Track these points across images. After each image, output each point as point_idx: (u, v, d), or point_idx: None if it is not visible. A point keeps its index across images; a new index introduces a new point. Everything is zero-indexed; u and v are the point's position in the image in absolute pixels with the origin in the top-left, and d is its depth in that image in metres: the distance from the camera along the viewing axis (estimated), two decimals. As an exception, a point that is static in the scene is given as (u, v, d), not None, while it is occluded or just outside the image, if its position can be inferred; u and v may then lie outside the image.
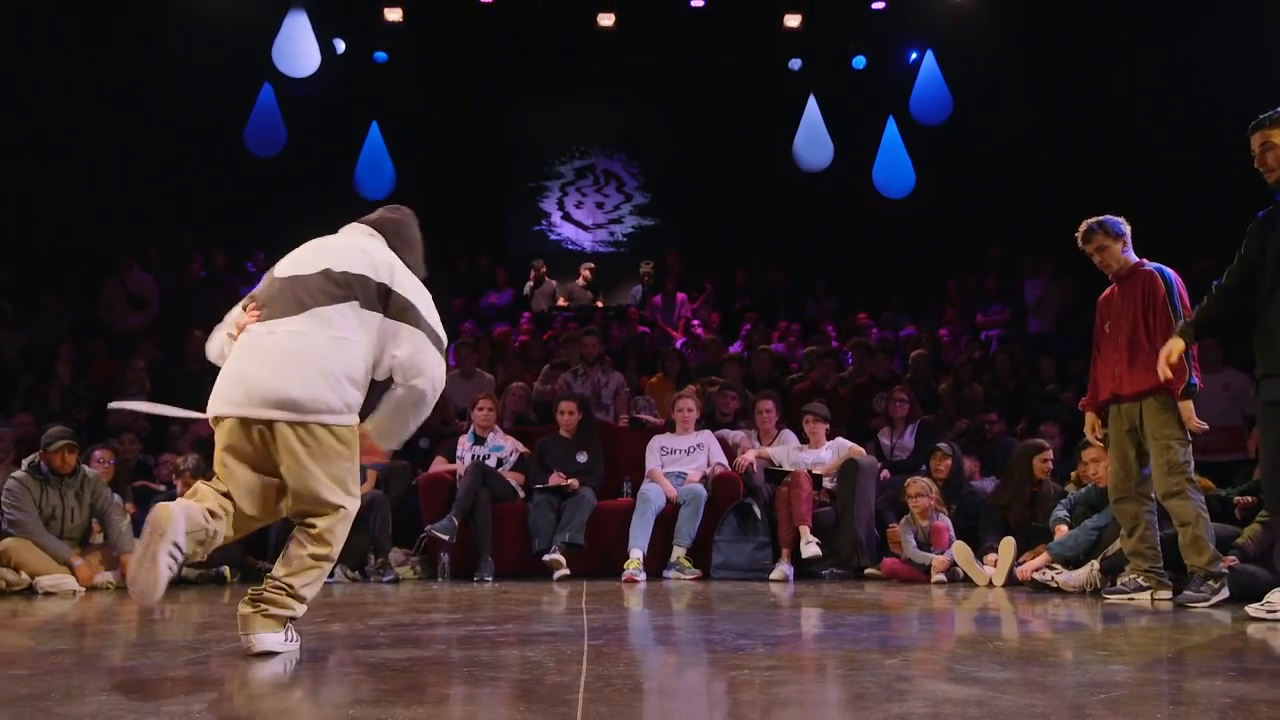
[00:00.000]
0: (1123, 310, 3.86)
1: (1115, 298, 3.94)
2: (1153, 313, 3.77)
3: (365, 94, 10.21)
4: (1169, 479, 3.67)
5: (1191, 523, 3.65)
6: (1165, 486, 3.69)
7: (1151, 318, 3.77)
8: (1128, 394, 3.81)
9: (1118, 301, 3.91)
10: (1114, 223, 3.90)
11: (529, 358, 7.85)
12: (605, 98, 11.62)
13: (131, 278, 8.38)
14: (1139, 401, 3.79)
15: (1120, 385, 3.83)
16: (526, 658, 2.50)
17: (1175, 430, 3.69)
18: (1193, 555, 3.66)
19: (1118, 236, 3.88)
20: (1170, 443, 3.68)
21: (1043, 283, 8.45)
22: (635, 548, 5.14)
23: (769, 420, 5.80)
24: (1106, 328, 3.94)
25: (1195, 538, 3.65)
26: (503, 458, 5.66)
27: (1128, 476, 3.85)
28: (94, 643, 3.04)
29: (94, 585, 4.75)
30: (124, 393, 6.82)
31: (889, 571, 5.09)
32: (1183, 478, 3.66)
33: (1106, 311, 3.97)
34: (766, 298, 10.02)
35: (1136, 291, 3.83)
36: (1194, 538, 3.65)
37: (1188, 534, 3.66)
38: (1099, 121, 8.92)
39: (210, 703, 1.96)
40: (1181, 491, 3.65)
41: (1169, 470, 3.67)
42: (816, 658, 2.63)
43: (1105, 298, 4.01)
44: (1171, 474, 3.66)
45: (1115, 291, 3.95)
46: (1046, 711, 1.81)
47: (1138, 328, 3.79)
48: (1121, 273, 3.90)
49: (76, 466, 4.87)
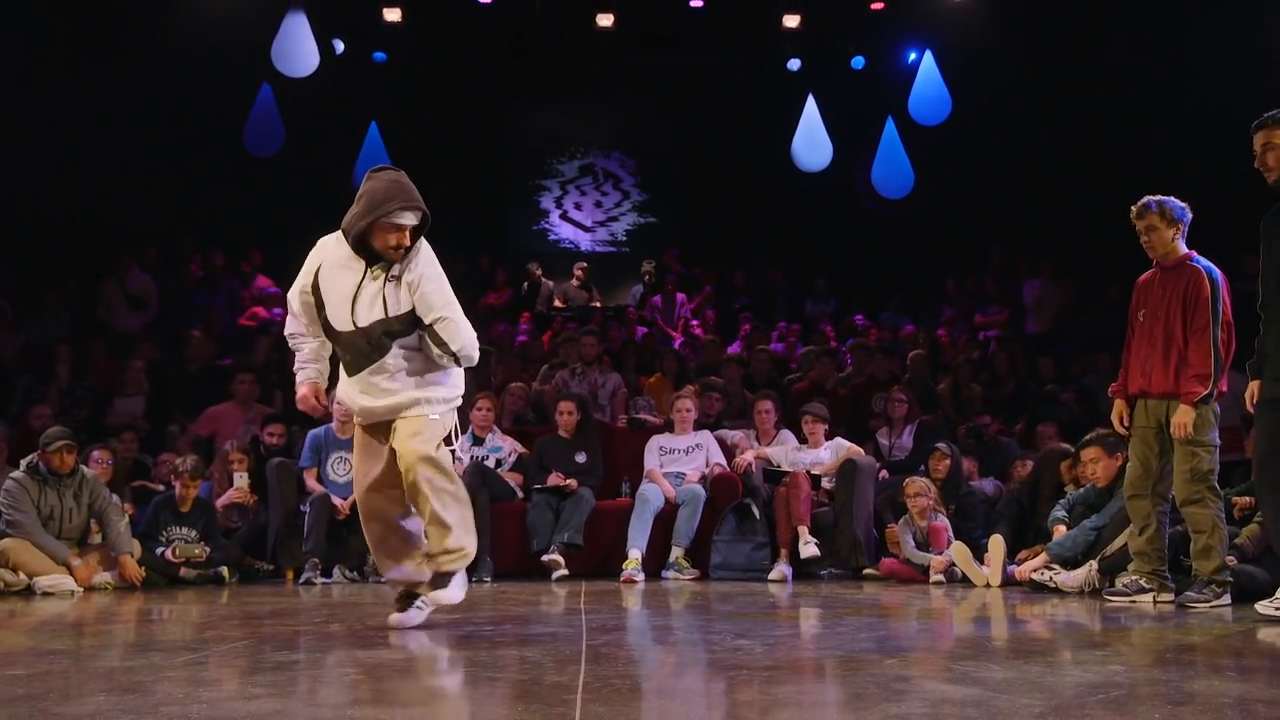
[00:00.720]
0: (1162, 302, 3.68)
1: (1156, 285, 3.74)
2: (1193, 311, 3.60)
3: (364, 94, 10.20)
4: (1191, 486, 3.59)
5: (1207, 532, 3.58)
6: (1186, 493, 3.61)
7: (1191, 316, 3.60)
8: (1156, 392, 3.68)
9: (1158, 290, 3.72)
10: (1175, 206, 3.69)
11: (528, 357, 7.85)
12: (604, 98, 11.60)
13: (131, 278, 8.37)
14: (1166, 400, 3.66)
15: (1150, 382, 3.70)
16: (525, 658, 2.50)
17: (1203, 436, 3.57)
18: (1202, 562, 3.61)
19: (1174, 222, 3.67)
20: (1197, 449, 3.57)
21: (1041, 283, 8.45)
22: (634, 548, 5.13)
23: (768, 420, 5.80)
24: (1141, 316, 3.76)
25: (1209, 547, 3.59)
26: (501, 458, 5.65)
27: (1146, 474, 3.74)
28: (92, 643, 3.03)
29: (92, 585, 4.73)
30: (123, 393, 6.83)
31: (887, 572, 5.08)
32: (1204, 486, 3.59)
33: (1145, 298, 3.77)
34: (765, 298, 10.02)
35: (1180, 285, 3.64)
36: (1207, 547, 3.59)
37: (1201, 542, 3.60)
38: (1097, 122, 8.91)
39: (208, 703, 1.96)
40: (1202, 499, 3.58)
41: (1192, 478, 3.57)
42: (815, 658, 2.63)
43: (1145, 281, 3.81)
44: (1194, 481, 3.58)
45: (1157, 278, 3.75)
46: (1045, 712, 1.81)
47: (1174, 323, 3.63)
48: (1167, 261, 3.71)
49: (75, 467, 4.85)
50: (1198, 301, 3.61)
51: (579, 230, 11.84)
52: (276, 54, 8.83)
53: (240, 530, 5.44)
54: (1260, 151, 3.23)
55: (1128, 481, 3.84)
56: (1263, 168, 3.24)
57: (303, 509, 5.23)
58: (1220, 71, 7.17)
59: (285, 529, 5.28)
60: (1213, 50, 7.26)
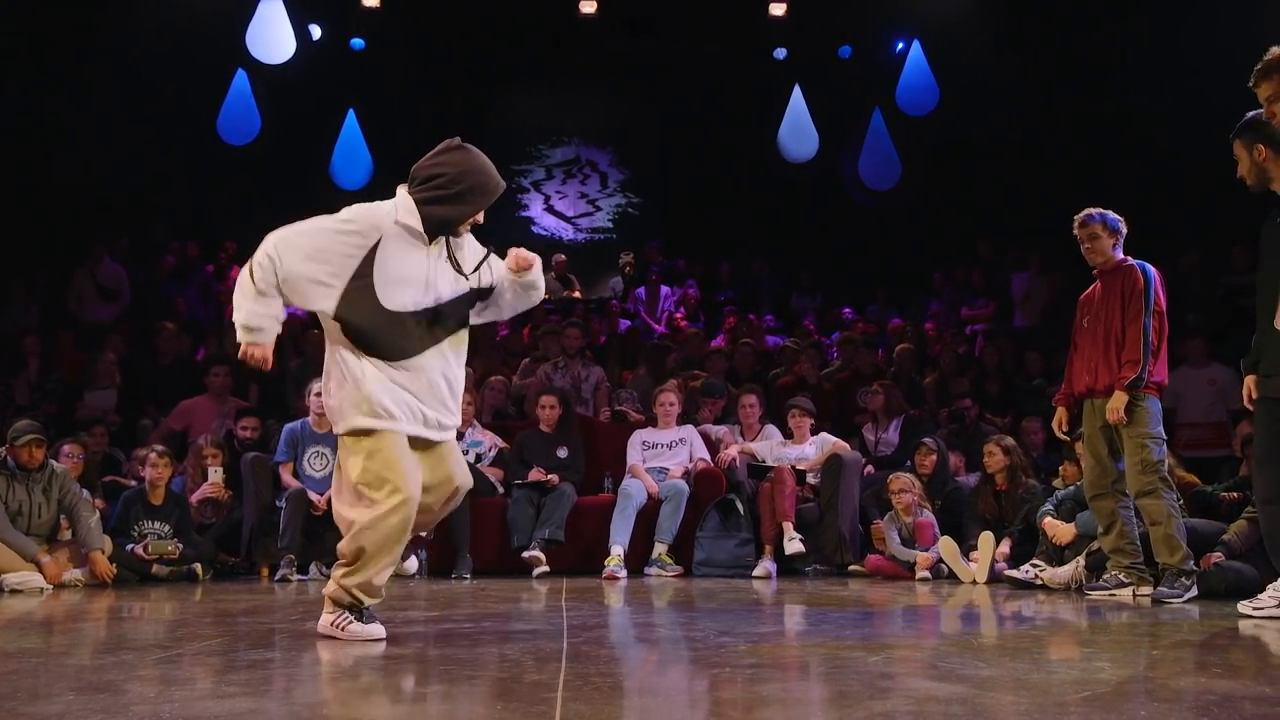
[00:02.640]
0: (1102, 306, 3.90)
1: (1096, 294, 3.98)
2: (1128, 302, 3.81)
3: (342, 81, 10.07)
4: (1142, 478, 3.71)
5: (1163, 522, 3.69)
6: (1139, 485, 3.72)
7: (1126, 307, 3.82)
8: (1101, 388, 3.84)
9: (1099, 297, 3.95)
10: (1114, 219, 3.93)
11: (508, 351, 7.78)
12: (587, 86, 11.53)
13: (102, 268, 8.23)
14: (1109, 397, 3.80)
15: (1096, 379, 3.87)
16: (505, 656, 2.47)
17: (1149, 428, 3.73)
18: (1165, 554, 3.71)
19: (1113, 233, 3.91)
20: (1144, 441, 3.72)
21: (1029, 276, 8.45)
22: (616, 544, 5.09)
23: (752, 415, 5.77)
24: (1085, 323, 3.98)
25: (1167, 536, 3.69)
26: (481, 453, 5.59)
27: (1104, 473, 3.88)
28: (62, 641, 2.97)
29: (62, 583, 4.65)
30: (94, 386, 6.71)
31: (873, 568, 5.07)
32: (1155, 476, 3.70)
33: (1087, 307, 4.01)
34: (750, 290, 9.99)
35: (1116, 287, 3.88)
36: (1165, 536, 3.69)
37: (1159, 533, 3.70)
38: (1086, 112, 8.94)
39: (180, 703, 1.91)
40: (1155, 490, 3.69)
41: (1143, 469, 3.71)
42: (799, 655, 2.61)
43: (1087, 295, 4.05)
44: (1145, 473, 3.70)
45: (1097, 288, 3.99)
46: (1030, 709, 1.79)
47: (1114, 319, 3.84)
48: (1105, 268, 3.95)
49: (44, 461, 4.77)
50: (1132, 293, 3.81)
51: (560, 220, 11.75)
52: (252, 40, 8.71)
53: (214, 526, 5.36)
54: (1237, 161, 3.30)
55: (1087, 483, 3.96)
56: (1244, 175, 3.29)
57: (278, 504, 5.16)
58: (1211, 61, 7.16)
59: (260, 525, 5.21)
60: (1203, 40, 7.27)
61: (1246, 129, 3.26)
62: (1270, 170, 3.23)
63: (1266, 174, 3.25)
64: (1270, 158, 3.24)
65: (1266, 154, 3.23)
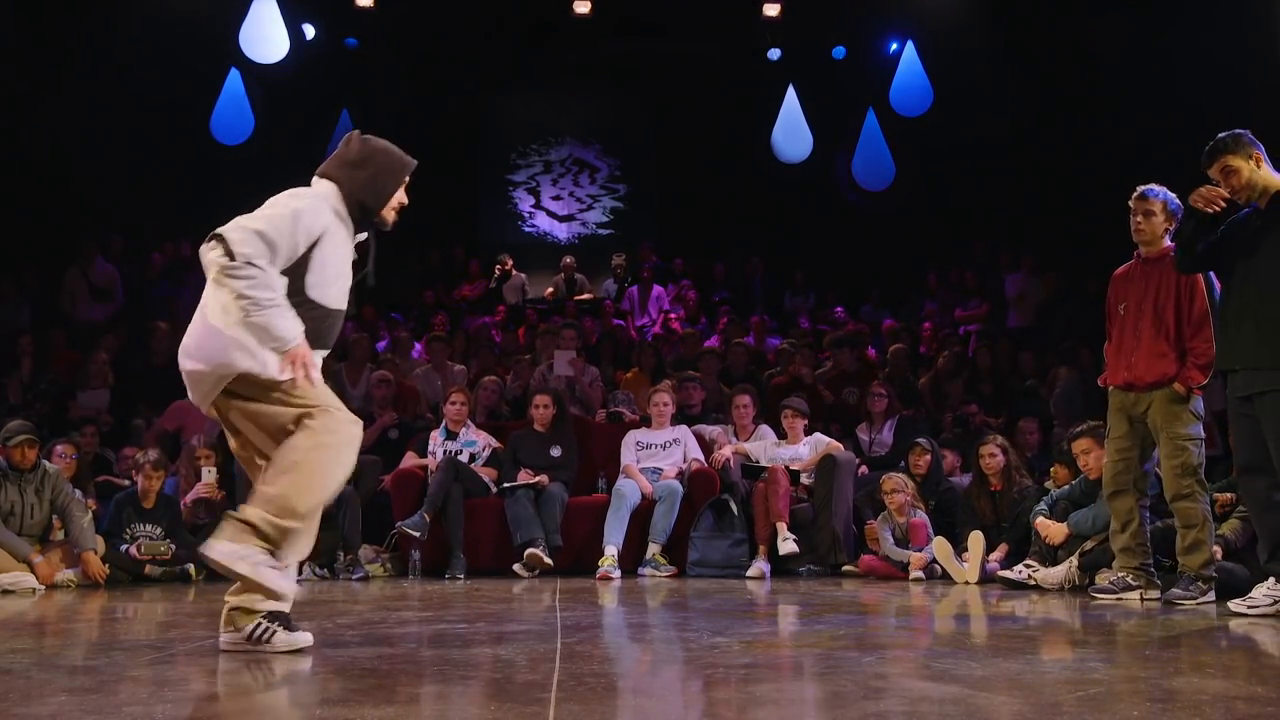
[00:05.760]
0: (1145, 293, 3.65)
1: (1136, 278, 3.71)
2: (1190, 301, 3.57)
3: (335, 81, 10.03)
4: (1181, 481, 3.56)
5: (1198, 526, 3.57)
6: (1176, 488, 3.58)
7: (1189, 306, 3.57)
8: (1142, 384, 3.63)
9: (1139, 283, 3.68)
10: (1175, 203, 3.65)
11: (502, 350, 7.77)
12: (581, 86, 11.51)
13: (95, 268, 8.20)
14: (1153, 393, 3.62)
15: (1135, 375, 3.64)
16: (499, 656, 2.46)
17: (1189, 430, 3.56)
18: (1189, 557, 3.59)
19: (1171, 215, 3.64)
20: (1185, 444, 3.55)
21: (1023, 276, 8.47)
22: (610, 544, 5.08)
23: (746, 415, 5.77)
24: (1122, 309, 3.72)
25: (1198, 541, 3.57)
26: (475, 453, 5.58)
27: (1127, 469, 3.69)
28: (54, 642, 2.97)
29: (55, 583, 4.63)
30: (86, 386, 6.68)
31: (867, 569, 5.07)
32: (1194, 480, 3.56)
33: (1124, 291, 3.73)
34: (744, 291, 9.99)
35: (1165, 277, 3.61)
36: (1196, 541, 3.57)
37: (1190, 536, 3.58)
38: (1080, 114, 8.96)
39: (173, 703, 1.90)
40: (1192, 494, 3.56)
41: (1182, 472, 3.54)
42: (793, 656, 2.61)
43: (1123, 274, 3.77)
44: (1184, 476, 3.56)
45: (1137, 270, 3.72)
46: (1024, 709, 1.80)
47: (1166, 314, 3.59)
48: (1151, 252, 3.69)
49: (36, 462, 4.75)
50: (1194, 293, 3.59)
51: (554, 221, 11.74)
52: (245, 39, 8.66)
53: (207, 527, 5.33)
54: (1221, 178, 3.28)
55: (1107, 478, 3.80)
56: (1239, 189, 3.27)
57: (271, 504, 5.12)
58: (1201, 63, 7.21)
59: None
60: (1194, 42, 7.29)
61: (1235, 142, 3.23)
62: (1261, 176, 3.22)
63: (1257, 183, 3.23)
64: (1262, 160, 3.25)
65: (1260, 159, 3.23)
